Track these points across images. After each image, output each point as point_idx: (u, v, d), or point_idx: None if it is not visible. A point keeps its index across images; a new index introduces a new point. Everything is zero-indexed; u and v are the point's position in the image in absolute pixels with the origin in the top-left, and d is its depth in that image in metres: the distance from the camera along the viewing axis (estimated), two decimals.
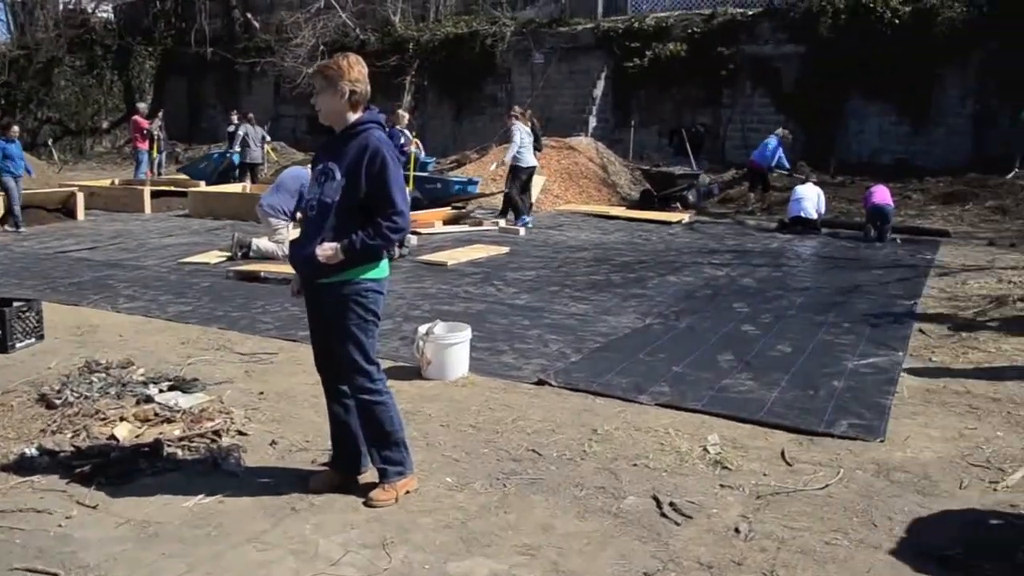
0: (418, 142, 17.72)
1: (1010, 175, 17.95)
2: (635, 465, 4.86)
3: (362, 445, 4.44)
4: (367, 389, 4.25)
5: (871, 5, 20.37)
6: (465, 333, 6.45)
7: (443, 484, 4.56)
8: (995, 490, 4.62)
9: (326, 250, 4.06)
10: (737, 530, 4.10)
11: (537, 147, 15.50)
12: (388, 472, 4.35)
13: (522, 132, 14.66)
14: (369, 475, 4.49)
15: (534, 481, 4.62)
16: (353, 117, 4.17)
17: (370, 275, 4.17)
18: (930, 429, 5.52)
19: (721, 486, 4.61)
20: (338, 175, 4.08)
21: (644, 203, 18.31)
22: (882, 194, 14.43)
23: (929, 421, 5.67)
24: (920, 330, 8.14)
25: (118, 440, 4.95)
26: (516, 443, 5.17)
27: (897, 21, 20.10)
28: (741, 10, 22.68)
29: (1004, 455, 5.09)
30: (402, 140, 15.54)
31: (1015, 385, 6.44)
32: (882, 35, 20.19)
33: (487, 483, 4.59)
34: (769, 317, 8.54)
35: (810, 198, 15.09)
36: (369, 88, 4.19)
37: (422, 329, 6.39)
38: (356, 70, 4.13)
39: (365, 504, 4.28)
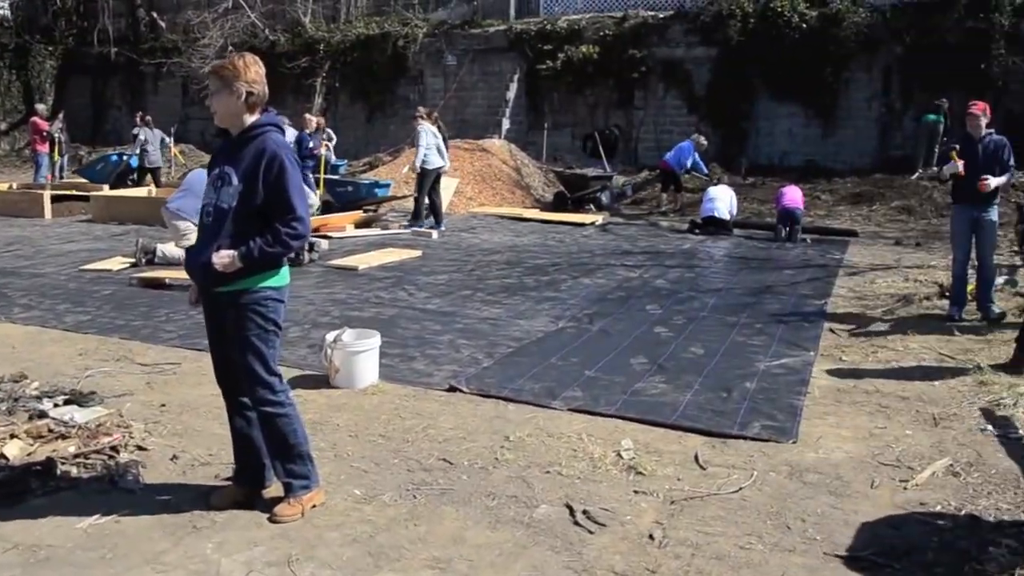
0: (329, 145, 17.53)
1: (914, 176, 18.40)
2: (548, 472, 4.78)
3: (266, 458, 4.29)
4: (269, 401, 4.11)
5: (779, 9, 20.72)
6: (374, 340, 6.31)
7: (351, 497, 4.44)
8: (905, 489, 4.65)
9: (223, 258, 3.90)
10: (651, 537, 4.06)
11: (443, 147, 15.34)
12: (293, 486, 4.22)
13: (429, 133, 14.49)
14: (274, 489, 4.34)
15: (445, 491, 4.52)
16: (250, 119, 4.02)
17: (269, 283, 4.03)
18: (841, 429, 5.56)
19: (635, 492, 4.56)
20: (235, 180, 3.93)
21: (558, 205, 18.32)
22: (792, 195, 14.64)
23: (840, 421, 5.72)
24: (831, 330, 8.23)
25: (7, 459, 4.71)
26: (427, 452, 5.06)
27: (804, 25, 20.48)
28: (652, 13, 22.87)
29: (913, 453, 5.14)
30: (311, 144, 15.35)
31: (923, 383, 6.53)
32: (790, 39, 20.55)
33: (396, 494, 4.47)
34: (682, 319, 8.55)
35: (723, 199, 15.24)
36: (267, 89, 4.05)
37: (330, 336, 6.25)
38: (253, 71, 3.98)
39: (270, 520, 4.14)
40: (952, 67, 18.72)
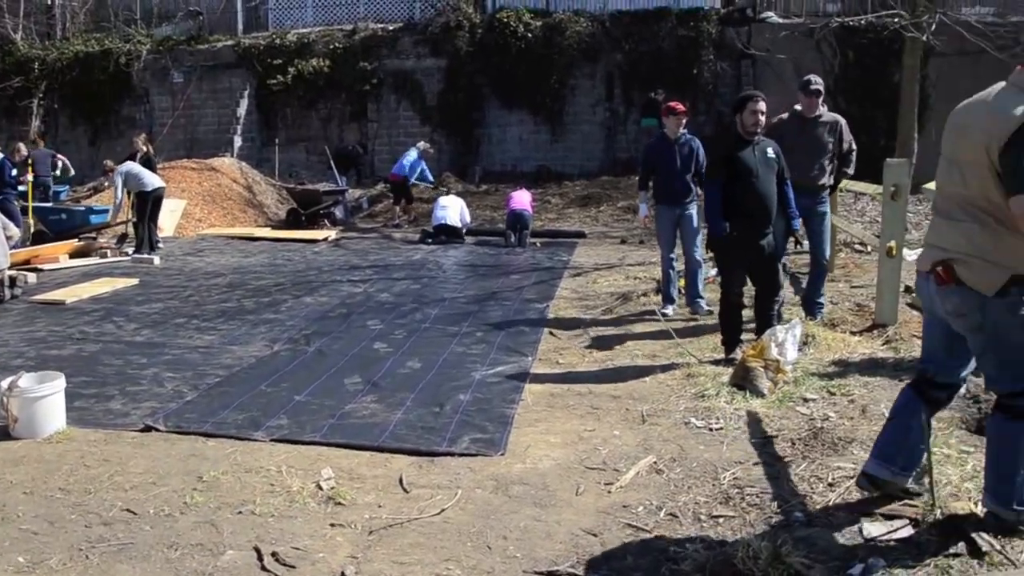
0: (63, 160, 16.66)
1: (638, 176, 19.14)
2: (240, 513, 4.47)
3: None
4: None
5: (505, 19, 21.12)
6: (57, 383, 5.79)
7: (12, 566, 3.97)
8: (609, 492, 4.62)
9: None
10: (343, 574, 3.83)
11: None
12: None
13: (126, 170, 13.88)
14: None
15: (123, 547, 4.12)
16: None
17: None
18: (551, 435, 5.51)
19: (332, 525, 4.31)
20: None
21: (291, 222, 17.88)
22: (520, 199, 14.86)
23: (551, 427, 5.67)
24: (551, 333, 8.27)
25: None
26: (110, 503, 4.63)
27: (530, 35, 21.00)
28: (382, 25, 22.85)
29: (619, 454, 5.14)
30: (13, 172, 14.32)
31: (635, 381, 6.61)
32: (517, 48, 21.04)
33: (67, 557, 4.04)
34: (403, 332, 8.41)
35: (453, 207, 15.33)
36: None
37: (4, 383, 5.70)
38: None
39: None
40: (668, 73, 19.90)
